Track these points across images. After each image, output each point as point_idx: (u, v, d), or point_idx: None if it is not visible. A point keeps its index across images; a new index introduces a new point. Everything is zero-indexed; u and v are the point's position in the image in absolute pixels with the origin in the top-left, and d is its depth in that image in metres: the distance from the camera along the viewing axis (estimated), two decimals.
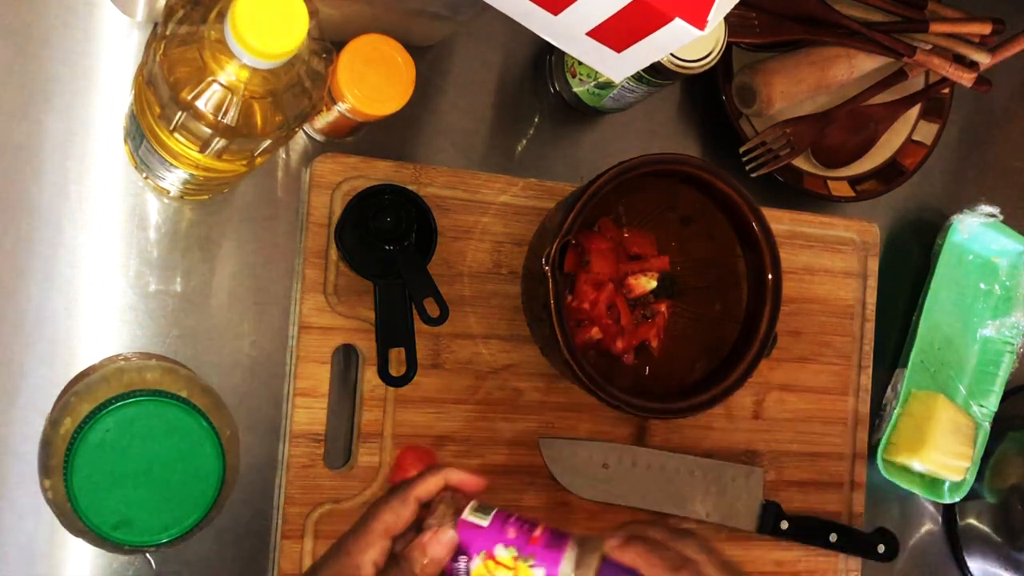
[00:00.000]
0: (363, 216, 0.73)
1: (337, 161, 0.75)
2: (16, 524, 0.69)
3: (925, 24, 0.86)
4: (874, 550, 0.88)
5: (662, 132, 0.87)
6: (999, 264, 0.95)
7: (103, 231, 0.72)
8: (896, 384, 0.91)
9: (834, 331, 0.89)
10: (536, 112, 0.84)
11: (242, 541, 0.74)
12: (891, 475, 0.89)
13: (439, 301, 0.73)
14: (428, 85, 0.79)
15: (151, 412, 0.57)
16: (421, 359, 0.75)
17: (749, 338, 0.76)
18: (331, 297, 0.75)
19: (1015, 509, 0.95)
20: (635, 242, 0.81)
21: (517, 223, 0.80)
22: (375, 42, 0.67)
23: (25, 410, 0.69)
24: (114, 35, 0.72)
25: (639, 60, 0.58)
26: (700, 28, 0.53)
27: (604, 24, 0.56)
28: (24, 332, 0.70)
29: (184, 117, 0.54)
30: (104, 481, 0.56)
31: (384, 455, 0.76)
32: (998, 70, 0.90)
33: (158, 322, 0.72)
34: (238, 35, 0.49)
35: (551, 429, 0.80)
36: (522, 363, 0.80)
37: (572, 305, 0.78)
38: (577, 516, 0.81)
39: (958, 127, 0.97)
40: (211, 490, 0.58)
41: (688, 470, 0.83)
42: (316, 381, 0.74)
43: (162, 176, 0.66)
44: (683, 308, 0.82)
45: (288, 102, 0.54)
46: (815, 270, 0.89)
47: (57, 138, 0.70)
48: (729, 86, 0.85)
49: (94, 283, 0.71)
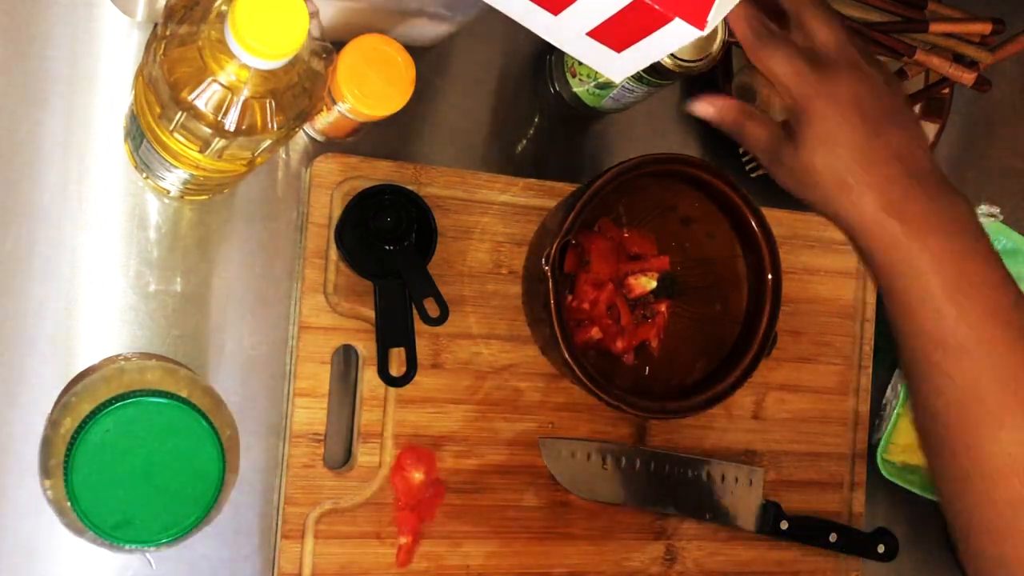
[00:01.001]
0: (363, 216, 0.73)
1: (337, 161, 0.75)
2: (16, 524, 0.69)
3: (925, 24, 0.86)
4: (874, 550, 0.88)
5: (662, 132, 0.87)
6: None
7: (103, 231, 0.72)
8: (896, 384, 0.91)
9: (834, 331, 0.89)
10: (536, 112, 0.83)
11: (242, 541, 0.74)
12: (891, 475, 0.89)
13: (439, 301, 0.73)
14: (428, 85, 0.79)
15: (151, 412, 0.57)
16: (421, 359, 0.75)
17: (749, 338, 0.76)
18: (331, 297, 0.75)
19: None
20: (635, 242, 0.81)
21: (517, 223, 0.80)
22: (375, 42, 0.67)
23: (25, 410, 0.69)
24: (114, 35, 0.72)
25: (639, 60, 0.58)
26: (700, 28, 0.52)
27: (604, 24, 0.56)
28: (24, 332, 0.70)
29: (184, 117, 0.54)
30: (104, 481, 0.56)
31: (384, 455, 0.76)
32: (998, 70, 0.90)
33: (158, 322, 0.72)
34: (238, 35, 0.49)
35: (551, 429, 0.80)
36: (522, 363, 0.80)
37: (572, 305, 0.78)
38: (577, 516, 0.81)
39: (958, 127, 0.96)
40: (211, 490, 0.58)
41: (688, 470, 0.83)
42: (316, 381, 0.74)
43: (162, 176, 0.66)
44: (683, 308, 0.82)
45: (288, 102, 0.54)
46: (815, 270, 0.89)
47: (57, 138, 0.70)
48: (729, 86, 0.85)
49: (94, 283, 0.71)
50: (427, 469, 0.76)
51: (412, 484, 0.76)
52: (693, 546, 0.84)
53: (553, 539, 0.80)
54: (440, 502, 0.77)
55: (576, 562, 0.81)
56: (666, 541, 0.83)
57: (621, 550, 0.82)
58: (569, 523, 0.80)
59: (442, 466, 0.77)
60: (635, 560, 0.82)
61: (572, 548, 0.80)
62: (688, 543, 0.84)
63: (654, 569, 0.83)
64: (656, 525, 0.83)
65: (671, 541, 0.83)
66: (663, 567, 0.83)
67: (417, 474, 0.76)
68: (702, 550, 0.84)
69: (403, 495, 0.75)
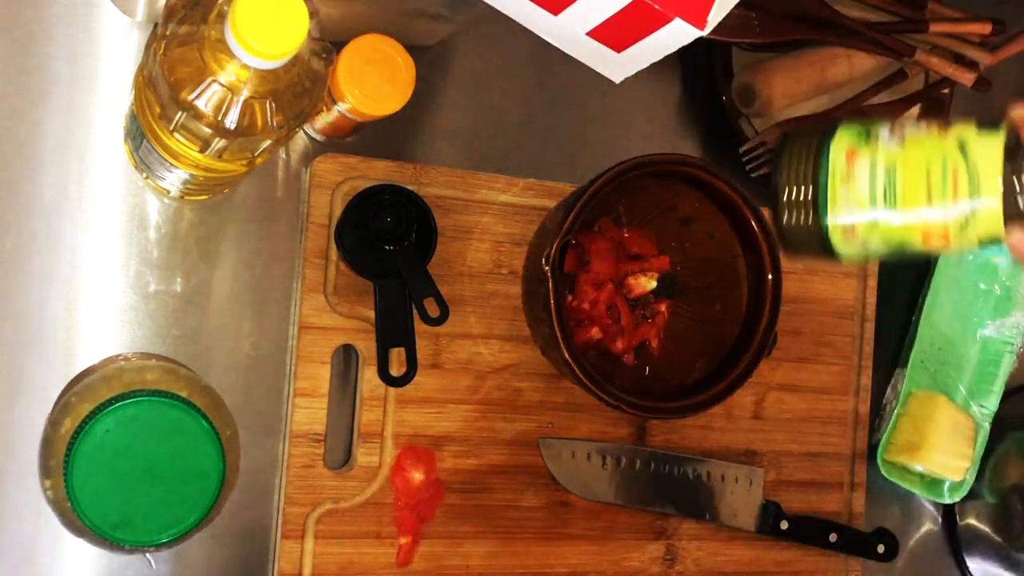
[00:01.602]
0: (363, 216, 0.73)
1: (337, 161, 0.75)
2: (16, 524, 0.69)
3: (925, 24, 0.86)
4: (874, 550, 0.88)
5: (662, 132, 0.87)
6: (999, 264, 0.95)
7: (103, 231, 0.72)
8: (896, 384, 0.91)
9: (834, 331, 0.89)
10: (536, 112, 0.83)
11: (242, 541, 0.74)
12: (891, 475, 0.89)
13: (439, 301, 0.73)
14: (428, 85, 0.79)
15: (151, 412, 0.56)
16: (421, 359, 0.75)
17: (749, 338, 0.76)
18: (331, 297, 0.75)
19: (1015, 509, 0.95)
20: (635, 242, 0.81)
21: (517, 223, 0.80)
22: (375, 42, 0.67)
23: (25, 410, 0.69)
24: (114, 35, 0.72)
25: (639, 60, 0.58)
26: (700, 28, 0.52)
27: (604, 24, 0.56)
28: (24, 332, 0.70)
29: (184, 117, 0.54)
30: (104, 481, 0.56)
31: (384, 455, 0.76)
32: (998, 70, 0.90)
33: (158, 322, 0.72)
34: (238, 35, 0.49)
35: (551, 429, 0.80)
36: (522, 363, 0.80)
37: (572, 305, 0.78)
38: (577, 516, 0.81)
39: None
40: (211, 490, 0.58)
41: (688, 470, 0.83)
42: (316, 381, 0.74)
43: (162, 176, 0.66)
44: (683, 308, 0.82)
45: (288, 102, 0.54)
46: (815, 270, 0.89)
47: (57, 138, 0.70)
48: (729, 86, 0.85)
49: (94, 283, 0.71)
50: (427, 469, 0.76)
51: (412, 484, 0.76)
52: (693, 546, 0.84)
53: (553, 539, 0.80)
54: (440, 502, 0.77)
55: (576, 562, 0.81)
56: (666, 541, 0.83)
57: (621, 550, 0.82)
58: (569, 523, 0.80)
59: (442, 466, 0.77)
60: (635, 560, 0.82)
61: (572, 548, 0.80)
62: (688, 543, 0.84)
63: (654, 569, 0.83)
64: (656, 525, 0.83)
65: (671, 541, 0.83)
66: (663, 567, 0.83)
67: (417, 474, 0.76)
68: (702, 550, 0.84)
69: (403, 495, 0.75)
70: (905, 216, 0.55)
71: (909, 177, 0.55)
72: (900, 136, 0.56)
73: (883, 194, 0.56)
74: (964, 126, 0.56)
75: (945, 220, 0.55)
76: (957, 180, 0.54)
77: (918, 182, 0.55)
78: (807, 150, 0.58)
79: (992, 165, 0.54)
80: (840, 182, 0.56)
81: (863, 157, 0.56)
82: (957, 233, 0.55)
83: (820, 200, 0.57)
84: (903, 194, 0.55)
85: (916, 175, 0.55)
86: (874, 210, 0.56)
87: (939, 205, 0.55)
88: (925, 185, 0.55)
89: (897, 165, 0.56)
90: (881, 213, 0.56)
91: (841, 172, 0.56)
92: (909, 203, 0.55)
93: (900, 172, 0.55)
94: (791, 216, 0.58)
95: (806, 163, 0.58)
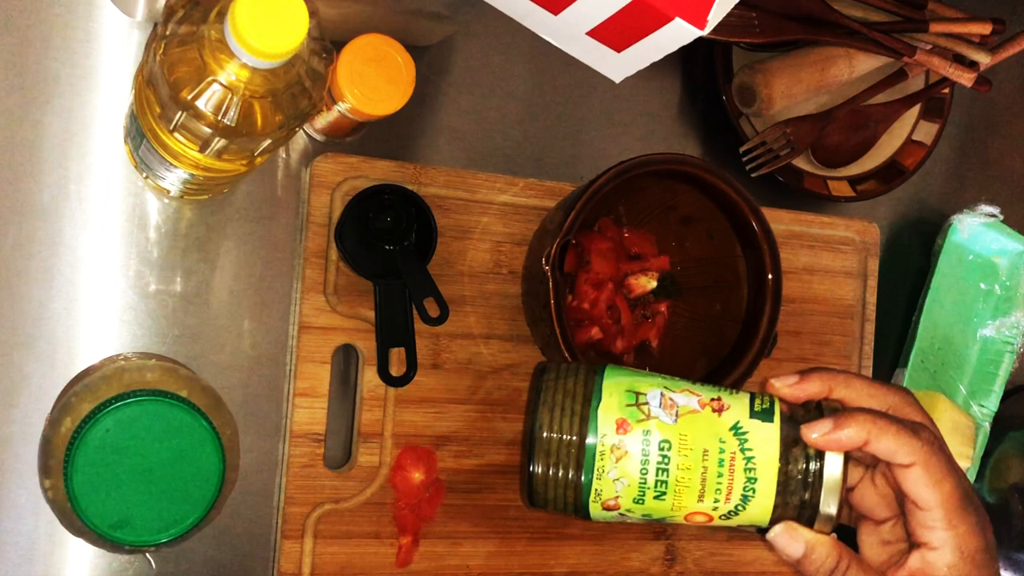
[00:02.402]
0: (363, 216, 0.73)
1: (337, 161, 0.75)
2: (16, 524, 0.69)
3: (925, 24, 0.86)
4: None
5: (662, 132, 0.87)
6: (999, 264, 0.95)
7: (103, 231, 0.72)
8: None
9: (834, 331, 0.89)
10: (537, 112, 0.83)
11: (242, 541, 0.74)
12: None
13: (439, 301, 0.73)
14: (428, 85, 0.79)
15: (151, 412, 0.57)
16: (421, 359, 0.75)
17: (749, 338, 0.76)
18: (331, 297, 0.75)
19: (1015, 509, 0.95)
20: (635, 242, 0.81)
21: (517, 223, 0.80)
22: (375, 42, 0.67)
23: (25, 410, 0.69)
24: (114, 35, 0.72)
25: (639, 60, 0.58)
26: (700, 28, 0.53)
27: (604, 24, 0.56)
28: (24, 332, 0.70)
29: (184, 117, 0.54)
30: (104, 481, 0.56)
31: (384, 455, 0.76)
32: (998, 70, 0.90)
33: (158, 322, 0.72)
34: (238, 35, 0.49)
35: None
36: (522, 363, 0.80)
37: (572, 305, 0.78)
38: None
39: (958, 127, 0.97)
40: (211, 490, 0.58)
41: None
42: (316, 381, 0.74)
43: (162, 176, 0.66)
44: (683, 308, 0.82)
45: (288, 102, 0.54)
46: (815, 270, 0.89)
47: (57, 138, 0.70)
48: (729, 86, 0.85)
49: (94, 283, 0.71)
50: (427, 469, 0.76)
51: (412, 484, 0.76)
52: (693, 546, 0.84)
53: (553, 539, 0.80)
54: (440, 502, 0.77)
55: (576, 562, 0.81)
56: (666, 541, 0.83)
57: (621, 550, 0.82)
58: (569, 523, 0.80)
59: (442, 466, 0.77)
60: (635, 560, 0.82)
61: (572, 548, 0.80)
62: (688, 543, 0.84)
63: (654, 569, 0.83)
64: (656, 525, 0.83)
65: (671, 541, 0.83)
66: (663, 567, 0.83)
67: (417, 474, 0.76)
68: (702, 550, 0.84)
69: (403, 495, 0.75)
70: (675, 502, 0.53)
71: (684, 464, 0.53)
72: (673, 410, 0.53)
73: (654, 481, 0.53)
74: (739, 406, 0.54)
75: (715, 510, 0.53)
76: (734, 475, 0.52)
77: (693, 472, 0.52)
78: (572, 399, 0.54)
79: (769, 463, 0.52)
80: (609, 458, 0.53)
81: (634, 431, 0.53)
82: (721, 519, 0.54)
83: (585, 466, 0.53)
84: (676, 484, 0.53)
85: (691, 463, 0.53)
86: (643, 493, 0.53)
87: (710, 499, 0.53)
88: (699, 476, 0.52)
89: (672, 446, 0.53)
90: (650, 497, 0.53)
91: (611, 445, 0.53)
92: (681, 496, 0.53)
93: (674, 457, 0.53)
94: (547, 470, 0.54)
95: (571, 416, 0.54)
